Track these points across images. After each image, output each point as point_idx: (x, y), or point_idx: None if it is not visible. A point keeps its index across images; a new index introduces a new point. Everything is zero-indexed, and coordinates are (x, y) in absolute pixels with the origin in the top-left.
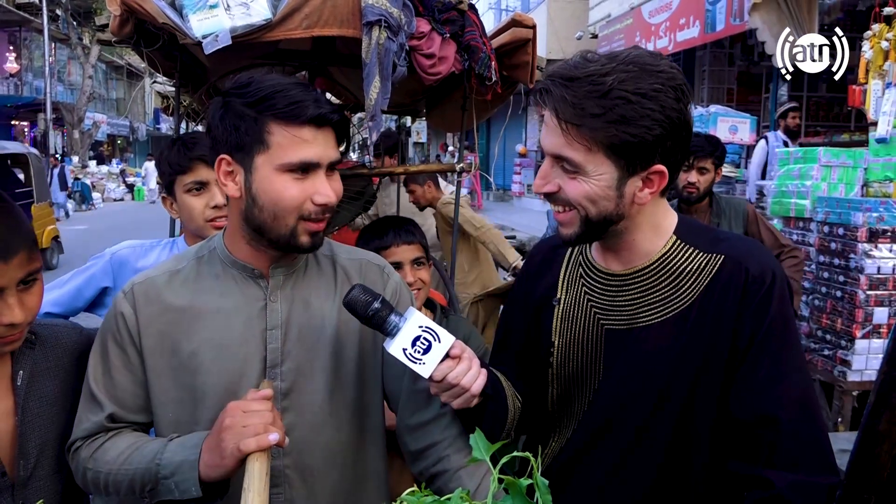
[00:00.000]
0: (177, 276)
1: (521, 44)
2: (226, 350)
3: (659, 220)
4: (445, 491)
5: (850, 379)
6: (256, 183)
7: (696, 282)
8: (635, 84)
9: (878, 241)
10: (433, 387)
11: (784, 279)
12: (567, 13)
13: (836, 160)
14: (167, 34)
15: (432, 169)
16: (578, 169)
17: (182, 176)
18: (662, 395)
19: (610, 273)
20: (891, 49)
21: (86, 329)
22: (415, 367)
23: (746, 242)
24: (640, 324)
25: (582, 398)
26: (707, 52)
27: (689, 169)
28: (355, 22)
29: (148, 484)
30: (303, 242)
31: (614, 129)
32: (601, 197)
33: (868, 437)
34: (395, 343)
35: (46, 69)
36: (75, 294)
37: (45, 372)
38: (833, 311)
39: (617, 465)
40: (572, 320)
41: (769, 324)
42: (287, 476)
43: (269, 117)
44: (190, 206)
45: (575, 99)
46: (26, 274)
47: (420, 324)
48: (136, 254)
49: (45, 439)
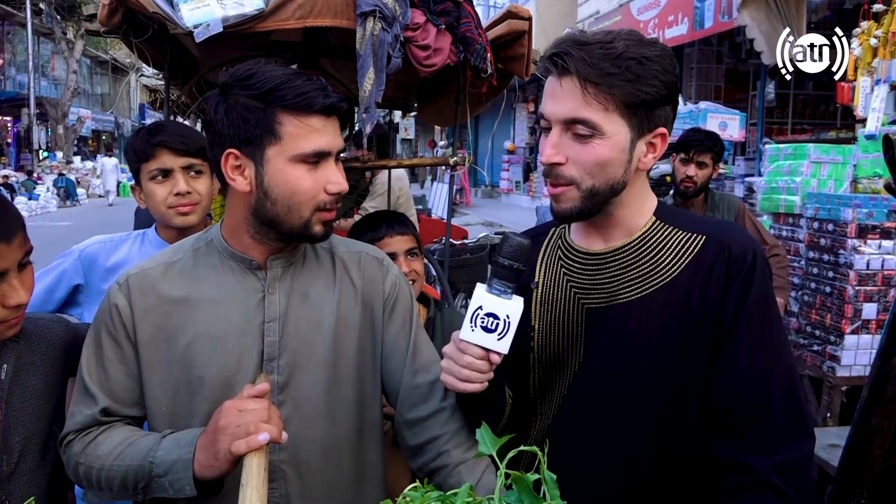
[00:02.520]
0: (172, 267)
1: (516, 36)
2: (222, 342)
3: (643, 199)
4: (444, 486)
5: (839, 374)
6: (269, 175)
7: (677, 258)
8: (640, 50)
9: (868, 236)
10: (482, 363)
11: (764, 259)
12: (555, 10)
13: (825, 156)
14: (157, 24)
15: (427, 163)
16: (596, 130)
17: (146, 163)
18: (646, 371)
19: (589, 252)
20: (879, 46)
21: (72, 322)
22: (502, 336)
23: (727, 224)
24: (621, 300)
25: (563, 380)
26: (695, 49)
27: (687, 162)
28: (349, 12)
29: (141, 481)
30: (317, 232)
31: (630, 87)
32: (613, 161)
33: (860, 432)
34: (515, 300)
35: (30, 63)
36: (45, 296)
37: (30, 366)
38: (822, 307)
39: (600, 445)
40: (552, 302)
41: (752, 302)
42: (283, 471)
43: (278, 108)
44: (154, 194)
45: (593, 60)
46: (23, 255)
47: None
48: (107, 249)
49: (29, 434)
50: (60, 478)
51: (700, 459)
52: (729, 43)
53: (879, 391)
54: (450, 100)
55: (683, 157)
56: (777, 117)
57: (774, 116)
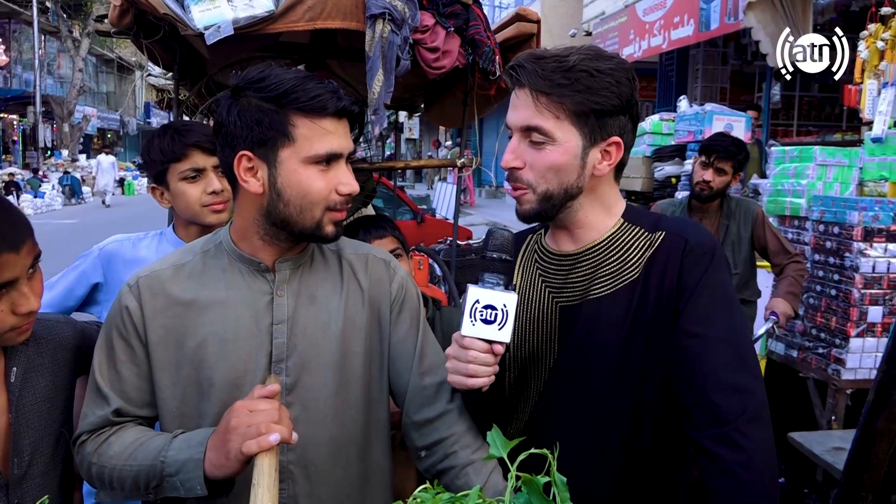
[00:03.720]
0: (182, 269)
1: (525, 38)
2: (231, 344)
3: (610, 203)
4: (452, 487)
5: (844, 377)
6: (282, 177)
7: (641, 256)
8: (594, 63)
9: (874, 240)
10: (488, 356)
11: (722, 255)
12: (561, 11)
13: (831, 159)
14: (168, 25)
15: (434, 164)
16: (547, 137)
17: (176, 164)
18: (613, 367)
19: (563, 254)
20: (887, 49)
21: (80, 323)
22: (501, 328)
23: (689, 222)
24: (591, 296)
25: (538, 379)
26: (701, 50)
27: (707, 166)
28: (359, 14)
29: (153, 481)
30: (328, 232)
31: (580, 97)
32: (566, 166)
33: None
34: (509, 291)
35: (36, 62)
36: (66, 294)
37: (40, 368)
38: (828, 310)
39: (576, 442)
40: (528, 302)
41: (703, 281)
42: (291, 472)
43: (292, 111)
44: (186, 194)
45: (544, 72)
46: (33, 261)
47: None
48: (125, 247)
49: (40, 436)
50: (69, 479)
51: (664, 454)
52: (735, 44)
53: (885, 395)
54: (457, 101)
55: (704, 161)
56: (783, 119)
57: (780, 118)
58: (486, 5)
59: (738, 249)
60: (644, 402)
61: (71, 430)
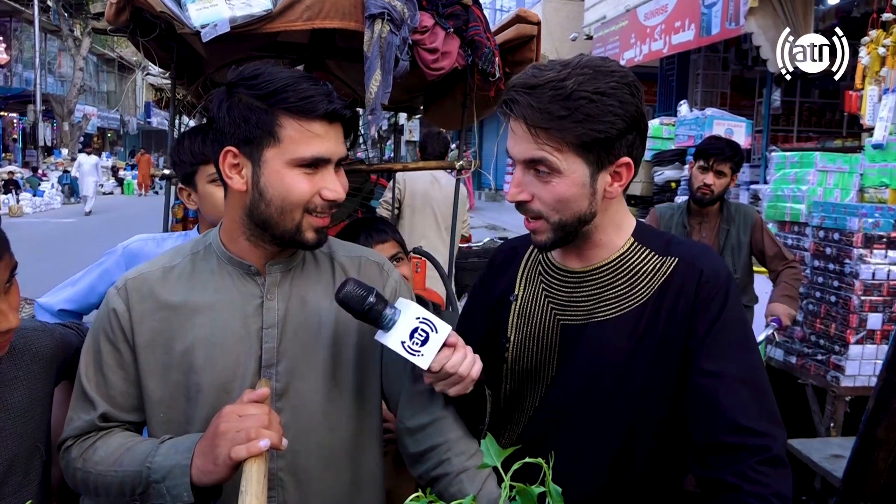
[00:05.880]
0: (171, 272)
1: (525, 40)
2: (220, 348)
3: (620, 220)
4: (445, 494)
5: (843, 384)
6: (265, 177)
7: (651, 281)
8: (594, 84)
9: (874, 246)
10: (429, 377)
11: (736, 286)
12: (562, 14)
13: (832, 165)
14: (164, 23)
15: (432, 166)
16: (553, 169)
17: (206, 166)
18: (616, 389)
19: (568, 270)
20: (888, 55)
21: (57, 331)
22: (413, 359)
23: (698, 246)
24: (596, 319)
25: (534, 393)
26: (701, 55)
27: (706, 170)
28: (357, 14)
29: (138, 487)
30: (308, 238)
31: (581, 128)
32: (576, 196)
33: (865, 444)
34: (392, 336)
35: (37, 60)
36: (88, 290)
37: (13, 381)
38: (827, 316)
39: (569, 458)
40: (529, 316)
41: (720, 320)
42: (280, 479)
43: (280, 111)
44: (213, 196)
45: (540, 104)
46: (9, 275)
47: (417, 315)
48: (149, 246)
49: (13, 455)
50: (45, 496)
51: (655, 482)
52: (735, 50)
53: (885, 403)
54: (456, 102)
55: (702, 165)
56: (783, 125)
57: (780, 124)
58: (487, 8)
59: (737, 254)
60: (638, 424)
61: (49, 445)
